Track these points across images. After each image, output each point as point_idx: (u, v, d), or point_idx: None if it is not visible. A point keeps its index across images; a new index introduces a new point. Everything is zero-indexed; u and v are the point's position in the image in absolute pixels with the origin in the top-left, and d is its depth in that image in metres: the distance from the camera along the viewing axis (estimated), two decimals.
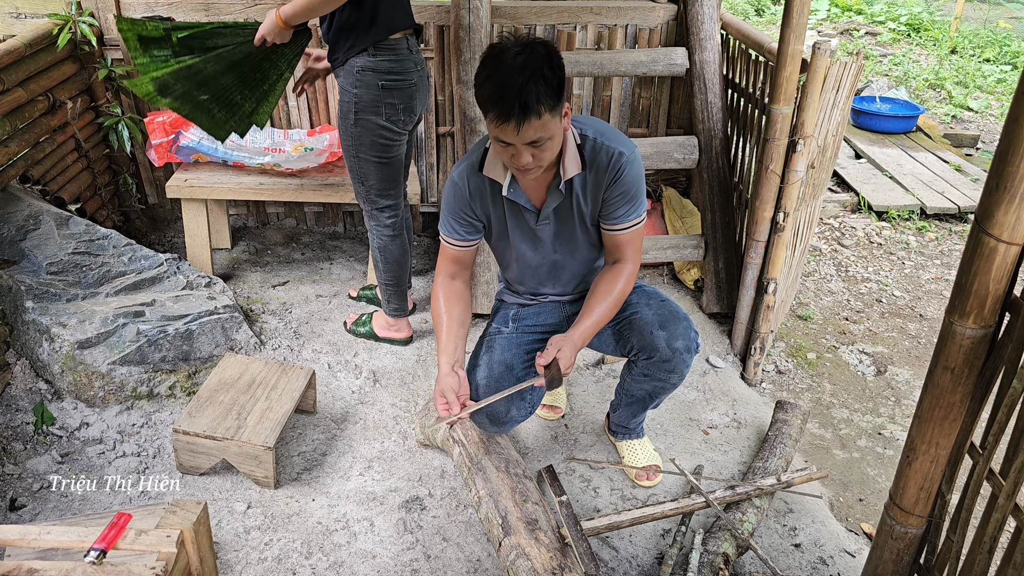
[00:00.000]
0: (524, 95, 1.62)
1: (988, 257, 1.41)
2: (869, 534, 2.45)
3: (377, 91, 2.50)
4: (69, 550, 1.63)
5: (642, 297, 2.17)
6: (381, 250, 2.84)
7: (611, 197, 1.93)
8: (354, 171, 2.68)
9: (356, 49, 2.45)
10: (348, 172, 2.75)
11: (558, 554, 1.90)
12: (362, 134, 2.57)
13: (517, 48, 1.65)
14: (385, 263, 2.86)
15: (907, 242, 4.45)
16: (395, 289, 2.92)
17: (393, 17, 2.46)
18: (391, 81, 2.50)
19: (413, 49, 2.56)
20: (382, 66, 2.47)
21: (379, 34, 2.43)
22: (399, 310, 2.98)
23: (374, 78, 2.48)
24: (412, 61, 2.56)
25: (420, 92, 2.62)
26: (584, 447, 2.58)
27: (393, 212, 2.78)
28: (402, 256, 2.86)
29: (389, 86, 2.50)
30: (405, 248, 2.87)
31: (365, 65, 2.47)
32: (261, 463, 2.30)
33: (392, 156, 2.66)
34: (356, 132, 2.57)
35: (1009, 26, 9.23)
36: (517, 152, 1.74)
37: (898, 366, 3.35)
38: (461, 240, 2.05)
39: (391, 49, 2.48)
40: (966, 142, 5.98)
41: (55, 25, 3.12)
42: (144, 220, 3.78)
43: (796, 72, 2.66)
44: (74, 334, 2.58)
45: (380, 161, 2.64)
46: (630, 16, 3.57)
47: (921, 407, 1.62)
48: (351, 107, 2.53)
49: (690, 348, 2.11)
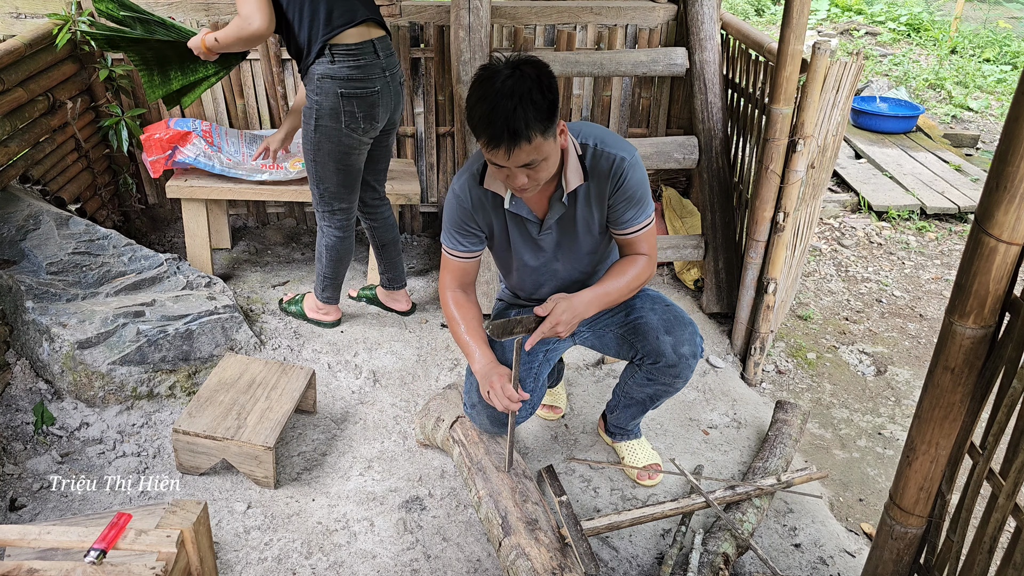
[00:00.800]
0: (512, 121, 1.60)
1: (988, 257, 1.41)
2: (869, 534, 2.45)
3: (336, 99, 2.49)
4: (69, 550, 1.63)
5: (647, 302, 2.17)
6: (328, 248, 2.88)
7: (616, 203, 1.92)
8: (311, 174, 2.70)
9: (312, 56, 2.45)
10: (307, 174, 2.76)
11: (558, 554, 1.90)
12: (321, 140, 2.58)
13: (507, 71, 1.63)
14: (329, 259, 2.91)
15: (907, 242, 4.45)
16: (331, 282, 3.01)
17: (338, 16, 2.43)
18: (351, 89, 2.48)
19: (382, 54, 2.53)
20: (341, 72, 2.46)
21: (328, 34, 2.42)
22: (331, 299, 3.07)
23: (333, 85, 2.47)
24: (378, 67, 2.52)
25: (385, 99, 2.59)
26: (584, 447, 2.58)
27: (346, 216, 2.81)
28: (346, 255, 2.93)
29: (349, 94, 2.49)
30: (350, 249, 2.92)
31: (324, 72, 2.46)
32: (261, 463, 2.30)
33: (350, 163, 2.66)
34: (315, 138, 2.58)
35: (1009, 26, 9.23)
36: (512, 174, 1.73)
37: (898, 366, 3.35)
38: (465, 251, 2.04)
39: (350, 54, 2.45)
40: (966, 142, 5.99)
41: (55, 25, 3.12)
42: (144, 220, 3.78)
43: (796, 72, 2.66)
44: (74, 334, 2.58)
45: (338, 167, 2.65)
46: (630, 16, 3.57)
47: (921, 407, 1.62)
48: (312, 113, 2.54)
49: (695, 354, 2.10)
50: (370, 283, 3.37)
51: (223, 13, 3.38)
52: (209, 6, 3.37)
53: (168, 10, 3.35)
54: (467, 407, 2.24)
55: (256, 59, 3.47)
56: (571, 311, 1.89)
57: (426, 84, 3.60)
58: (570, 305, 1.90)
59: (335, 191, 2.72)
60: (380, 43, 2.52)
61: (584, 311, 1.92)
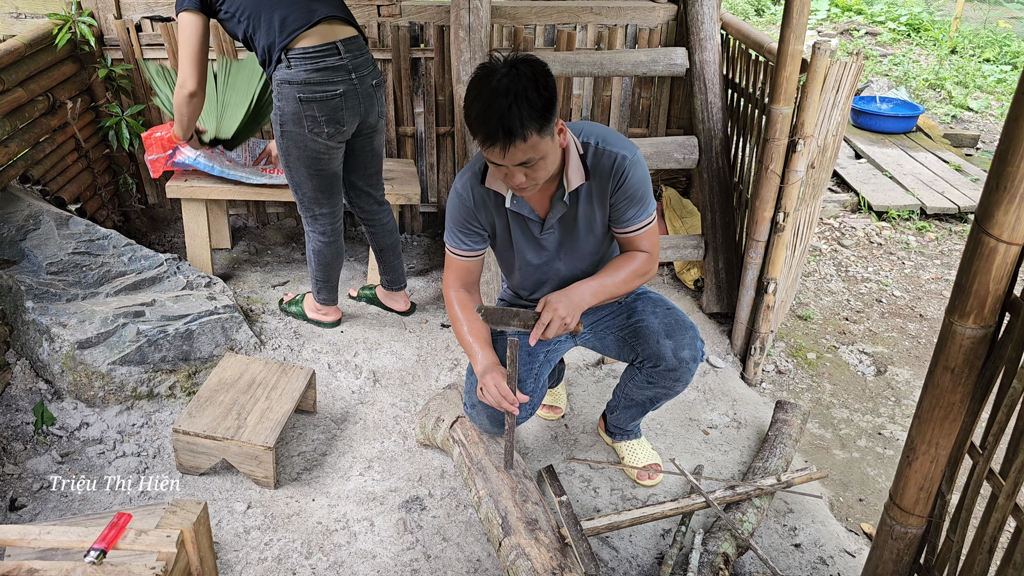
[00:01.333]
0: (507, 119, 1.60)
1: (988, 257, 1.41)
2: (869, 534, 2.45)
3: (296, 103, 2.46)
4: (69, 550, 1.63)
5: (648, 304, 2.17)
6: (315, 253, 2.88)
7: (618, 201, 1.92)
8: (289, 181, 2.70)
9: (272, 64, 2.45)
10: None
11: (558, 554, 1.90)
12: (289, 146, 2.57)
13: (504, 69, 1.63)
14: (318, 264, 2.91)
15: (907, 242, 4.45)
16: (324, 284, 3.01)
17: (292, 20, 2.40)
18: (309, 93, 2.45)
19: (347, 54, 2.46)
20: (298, 77, 2.43)
21: (284, 39, 2.39)
22: (328, 300, 3.07)
23: (291, 90, 2.45)
24: (342, 69, 2.46)
25: (351, 102, 2.52)
26: (584, 447, 2.58)
27: (329, 220, 2.80)
28: (335, 260, 2.92)
29: (307, 98, 2.46)
30: (339, 252, 2.91)
31: (283, 77, 2.45)
32: (261, 463, 2.30)
33: (323, 169, 2.64)
34: (284, 144, 2.57)
35: (1009, 26, 9.23)
36: (510, 172, 1.73)
37: (898, 366, 3.35)
38: (469, 250, 2.04)
39: (307, 57, 2.41)
40: (966, 142, 5.98)
41: (55, 25, 3.12)
42: (144, 220, 3.78)
43: (796, 72, 2.66)
44: (74, 334, 2.58)
45: (310, 173, 2.63)
46: (630, 16, 3.57)
47: (921, 407, 1.62)
48: (277, 119, 2.54)
49: (696, 358, 2.10)
50: (370, 283, 3.37)
51: None
52: None
53: (168, 10, 3.35)
54: (467, 407, 2.24)
55: None
56: (567, 303, 1.88)
57: (426, 84, 3.60)
58: (565, 296, 1.90)
59: (313, 196, 2.70)
60: (346, 44, 2.46)
61: (580, 300, 1.91)
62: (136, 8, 3.35)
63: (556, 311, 1.86)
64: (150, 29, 3.38)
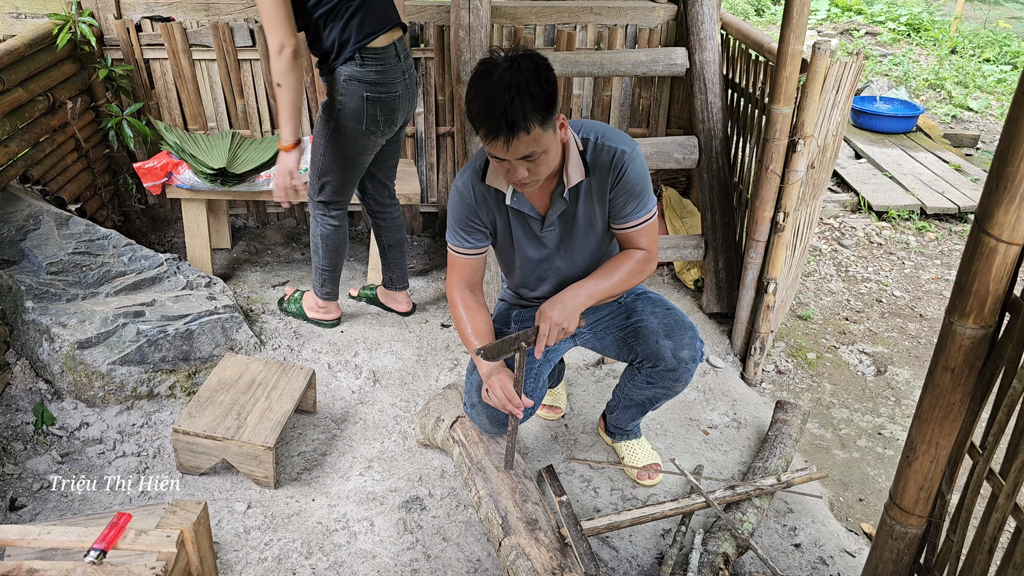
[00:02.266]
0: (510, 112, 1.61)
1: (988, 257, 1.41)
2: (869, 534, 2.45)
3: (361, 102, 2.49)
4: (69, 550, 1.63)
5: (647, 305, 2.17)
6: (323, 238, 2.87)
7: (617, 196, 1.92)
8: (316, 166, 2.69)
9: (342, 59, 2.45)
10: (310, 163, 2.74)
11: (558, 554, 1.90)
12: (337, 139, 2.58)
13: (505, 64, 1.64)
14: (325, 251, 2.90)
15: (907, 242, 4.45)
16: (330, 275, 3.00)
17: (370, 22, 2.44)
18: (376, 93, 2.49)
19: (402, 55, 2.55)
20: (369, 76, 2.46)
21: (360, 40, 2.42)
22: (330, 295, 3.06)
23: (359, 88, 2.47)
24: (400, 70, 2.54)
25: (404, 103, 2.61)
26: (584, 447, 2.58)
27: (340, 208, 2.82)
28: (341, 245, 2.92)
29: (374, 98, 2.50)
30: (345, 238, 2.91)
31: (351, 74, 2.46)
32: (261, 463, 2.30)
33: (361, 162, 2.68)
34: (332, 136, 2.58)
35: (1009, 26, 9.23)
36: (512, 167, 1.74)
37: (898, 366, 3.35)
38: (471, 248, 2.04)
39: (378, 58, 2.46)
40: (966, 142, 5.98)
41: (55, 25, 3.12)
42: (144, 220, 3.78)
43: (796, 72, 2.66)
44: (74, 334, 2.58)
45: (347, 164, 2.65)
46: (630, 16, 3.57)
47: (921, 407, 1.62)
48: (332, 112, 2.54)
49: (695, 358, 2.10)
50: (370, 283, 3.37)
51: (223, 13, 3.38)
52: (209, 6, 3.37)
53: (168, 10, 3.35)
54: (467, 407, 2.24)
55: (256, 59, 3.47)
56: (561, 308, 1.90)
57: (426, 84, 3.60)
58: (558, 302, 1.91)
59: (337, 185, 2.72)
60: (400, 45, 2.54)
61: (574, 303, 1.92)
62: (136, 8, 3.35)
63: (551, 319, 1.89)
64: (150, 29, 3.38)
